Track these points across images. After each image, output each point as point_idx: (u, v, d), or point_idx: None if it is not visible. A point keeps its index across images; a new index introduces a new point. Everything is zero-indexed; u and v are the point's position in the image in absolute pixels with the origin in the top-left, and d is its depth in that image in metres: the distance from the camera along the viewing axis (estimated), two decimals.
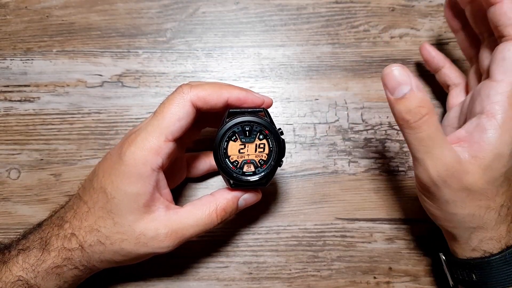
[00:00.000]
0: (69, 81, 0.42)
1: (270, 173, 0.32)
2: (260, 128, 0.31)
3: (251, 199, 0.34)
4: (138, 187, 0.30)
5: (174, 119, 0.30)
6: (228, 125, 0.31)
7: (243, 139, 0.31)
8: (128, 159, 0.30)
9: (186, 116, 0.30)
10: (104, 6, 0.43)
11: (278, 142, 0.31)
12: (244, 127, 0.31)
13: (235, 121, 0.31)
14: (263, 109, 0.32)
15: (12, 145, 0.41)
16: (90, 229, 0.31)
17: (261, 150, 0.32)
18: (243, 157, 0.31)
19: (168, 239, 0.31)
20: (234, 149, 0.31)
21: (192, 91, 0.31)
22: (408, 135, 0.29)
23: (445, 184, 0.29)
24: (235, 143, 0.31)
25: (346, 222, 0.41)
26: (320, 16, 0.44)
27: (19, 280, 0.30)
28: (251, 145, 0.31)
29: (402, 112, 0.28)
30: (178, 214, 0.32)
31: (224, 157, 0.31)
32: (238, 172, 0.31)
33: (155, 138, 0.30)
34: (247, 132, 0.31)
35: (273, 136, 0.31)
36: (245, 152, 0.31)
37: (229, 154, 0.31)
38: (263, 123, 0.31)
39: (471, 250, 0.31)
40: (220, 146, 0.31)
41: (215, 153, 0.31)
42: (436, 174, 0.29)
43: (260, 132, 0.31)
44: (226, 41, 0.43)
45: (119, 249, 0.31)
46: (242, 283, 0.40)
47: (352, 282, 0.40)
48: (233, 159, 0.31)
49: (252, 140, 0.31)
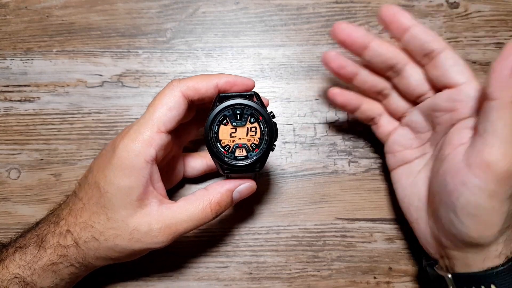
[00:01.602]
0: (69, 81, 0.42)
1: (263, 157, 0.31)
2: (251, 111, 0.30)
3: (246, 191, 0.33)
4: (131, 180, 0.30)
5: (165, 109, 0.30)
6: (219, 108, 0.30)
7: (234, 123, 0.31)
8: (121, 151, 0.30)
9: (178, 106, 0.30)
10: (104, 6, 0.43)
11: (270, 125, 0.31)
12: (235, 110, 0.30)
13: (225, 104, 0.30)
14: (254, 93, 0.32)
15: (12, 145, 0.41)
16: (84, 225, 0.31)
17: (253, 134, 0.31)
18: (235, 141, 0.31)
19: (161, 234, 0.31)
20: (225, 133, 0.31)
21: (182, 83, 0.31)
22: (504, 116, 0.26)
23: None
24: (226, 127, 0.31)
25: (346, 222, 0.41)
26: (320, 16, 0.44)
27: (15, 278, 0.30)
28: (242, 128, 0.31)
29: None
30: (171, 209, 0.31)
31: (215, 141, 0.31)
32: (229, 157, 0.31)
33: (147, 129, 0.30)
34: (238, 115, 0.31)
35: (264, 119, 0.31)
36: (236, 136, 0.31)
37: (220, 138, 0.31)
38: (254, 106, 0.30)
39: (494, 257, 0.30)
40: (211, 130, 0.30)
41: (205, 137, 0.30)
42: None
43: (251, 115, 0.31)
44: (226, 41, 0.43)
45: (114, 245, 0.31)
46: (242, 283, 0.40)
47: (352, 282, 0.40)
48: (224, 144, 0.31)
49: (243, 123, 0.31)
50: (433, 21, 0.44)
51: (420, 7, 0.44)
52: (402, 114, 0.36)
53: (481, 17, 0.44)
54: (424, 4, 0.44)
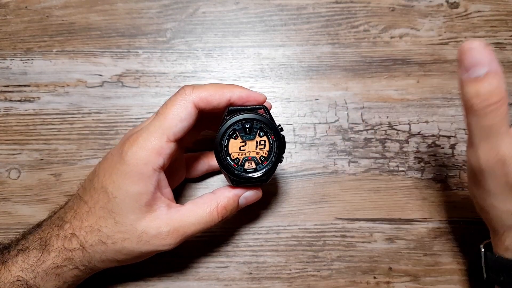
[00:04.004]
0: (69, 81, 0.42)
1: (271, 170, 0.32)
2: (260, 125, 0.31)
3: (252, 197, 0.34)
4: (140, 187, 0.30)
5: (177, 120, 0.30)
6: (229, 123, 0.31)
7: (243, 137, 0.32)
8: (130, 158, 0.30)
9: (189, 117, 0.31)
10: (104, 6, 0.43)
11: (279, 138, 0.32)
12: (245, 124, 0.31)
13: (235, 119, 0.31)
14: (263, 106, 0.33)
15: (12, 145, 0.41)
16: (91, 229, 0.31)
17: (262, 147, 0.32)
18: (244, 154, 0.32)
19: (170, 237, 0.31)
20: (235, 147, 0.31)
21: (194, 92, 0.31)
22: (470, 118, 0.27)
23: (492, 174, 0.28)
24: (236, 141, 0.31)
25: (346, 222, 0.41)
26: (320, 16, 0.44)
27: (18, 281, 0.30)
28: (251, 142, 0.32)
29: (470, 95, 0.26)
30: (180, 212, 0.32)
31: (225, 155, 0.31)
32: (239, 170, 0.32)
33: (157, 138, 0.30)
34: (247, 129, 0.31)
35: (273, 132, 0.31)
36: (246, 149, 0.32)
37: (230, 152, 0.31)
38: (263, 120, 0.31)
39: (504, 249, 0.31)
40: (221, 144, 0.31)
41: (216, 151, 0.31)
42: (486, 161, 0.27)
43: (260, 129, 0.31)
44: (226, 41, 0.43)
45: (121, 248, 0.31)
46: (242, 283, 0.40)
47: (352, 282, 0.40)
48: (234, 157, 0.32)
49: (252, 137, 0.32)
50: (433, 21, 0.44)
51: (420, 7, 0.44)
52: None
53: (481, 17, 0.44)
54: (424, 4, 0.44)
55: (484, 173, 0.28)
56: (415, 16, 0.44)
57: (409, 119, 0.42)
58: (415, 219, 0.41)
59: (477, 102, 0.26)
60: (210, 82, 0.42)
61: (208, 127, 0.37)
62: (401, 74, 0.43)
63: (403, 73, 0.43)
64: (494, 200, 0.29)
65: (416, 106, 0.42)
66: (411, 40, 0.43)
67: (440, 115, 0.42)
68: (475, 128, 0.27)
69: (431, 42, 0.43)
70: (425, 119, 0.42)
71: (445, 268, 0.40)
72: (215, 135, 0.31)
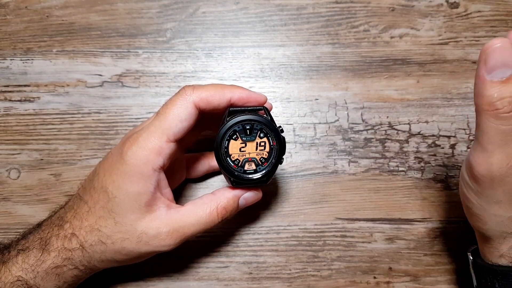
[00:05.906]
0: (69, 81, 0.42)
1: (271, 171, 0.32)
2: (260, 126, 0.31)
3: (252, 198, 0.34)
4: (140, 187, 0.30)
5: (177, 120, 0.30)
6: (229, 124, 0.31)
7: (244, 138, 0.31)
8: (130, 158, 0.30)
9: (189, 117, 0.31)
10: (104, 6, 0.43)
11: (279, 140, 0.31)
12: (245, 125, 0.31)
13: (235, 120, 0.31)
14: (263, 107, 0.33)
15: (12, 145, 0.41)
16: (90, 229, 0.31)
17: (262, 148, 0.32)
18: (244, 156, 0.32)
19: (169, 237, 0.31)
20: (235, 148, 0.31)
21: (195, 93, 0.31)
22: (488, 122, 0.25)
23: (502, 182, 0.27)
24: (236, 142, 0.31)
25: (346, 222, 0.41)
26: (320, 16, 0.44)
27: (18, 281, 0.30)
28: (252, 143, 0.32)
29: (493, 97, 0.24)
30: (179, 213, 0.32)
31: (226, 156, 0.31)
32: (239, 171, 0.32)
33: (157, 138, 0.30)
34: (247, 130, 0.31)
35: (273, 134, 0.31)
36: (246, 150, 0.32)
37: (230, 153, 0.31)
38: (263, 121, 0.31)
39: (498, 256, 0.30)
40: (221, 145, 0.31)
41: (216, 152, 0.31)
42: (499, 168, 0.26)
43: (260, 130, 0.31)
44: (226, 41, 0.43)
45: (121, 248, 0.31)
46: (242, 283, 0.40)
47: (352, 282, 0.40)
48: (234, 158, 0.31)
49: (253, 138, 0.31)
50: (433, 21, 0.44)
51: (420, 7, 0.44)
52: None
53: (481, 17, 0.44)
54: (424, 4, 0.44)
55: (493, 180, 0.27)
56: (415, 16, 0.44)
57: (409, 119, 0.42)
58: (415, 219, 0.41)
59: (501, 105, 0.24)
60: (210, 82, 0.42)
61: (208, 127, 0.37)
62: (401, 74, 0.43)
63: (403, 73, 0.43)
64: (498, 208, 0.28)
65: (416, 106, 0.42)
66: (411, 40, 0.43)
67: (440, 115, 0.42)
68: (493, 133, 0.26)
69: (431, 42, 0.43)
70: (425, 119, 0.42)
71: (445, 268, 0.40)
72: (215, 136, 0.31)
